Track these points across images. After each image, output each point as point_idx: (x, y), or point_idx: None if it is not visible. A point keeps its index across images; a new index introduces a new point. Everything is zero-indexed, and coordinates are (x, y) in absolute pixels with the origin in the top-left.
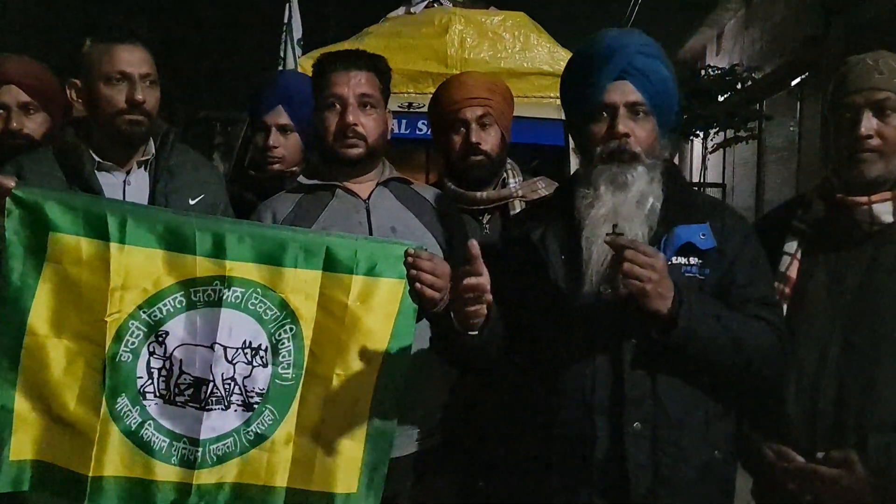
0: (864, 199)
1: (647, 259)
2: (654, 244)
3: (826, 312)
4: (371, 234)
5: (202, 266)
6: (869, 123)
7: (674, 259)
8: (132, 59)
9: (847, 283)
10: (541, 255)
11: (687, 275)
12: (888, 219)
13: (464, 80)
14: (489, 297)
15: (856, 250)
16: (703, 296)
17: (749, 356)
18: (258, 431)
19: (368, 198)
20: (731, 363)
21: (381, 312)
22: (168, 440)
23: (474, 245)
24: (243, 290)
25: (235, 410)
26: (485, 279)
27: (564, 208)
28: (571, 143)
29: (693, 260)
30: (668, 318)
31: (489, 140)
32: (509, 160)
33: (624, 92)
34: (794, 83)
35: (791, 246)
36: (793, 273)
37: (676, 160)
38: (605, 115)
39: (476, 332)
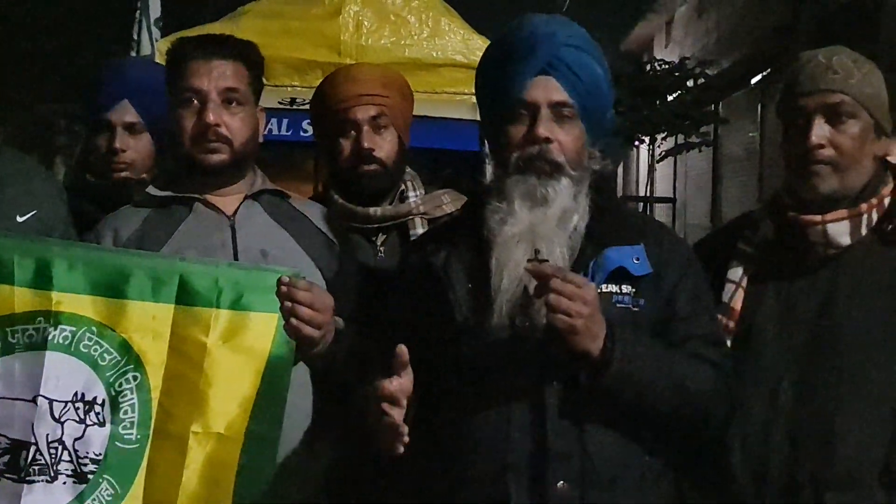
0: (818, 218)
1: (577, 290)
2: (579, 269)
3: (776, 350)
4: (236, 258)
5: (22, 299)
6: (821, 131)
7: (603, 287)
8: None
9: (800, 316)
10: (444, 283)
11: (619, 305)
12: (845, 241)
13: (353, 73)
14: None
15: (810, 277)
16: (639, 333)
17: (692, 403)
18: None
19: (234, 214)
20: (671, 411)
21: (248, 355)
22: None
23: (403, 352)
24: (74, 328)
25: (64, 482)
26: (405, 388)
27: (473, 227)
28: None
29: (626, 288)
30: (599, 359)
31: (384, 145)
32: (409, 170)
33: (548, 89)
34: (755, 81)
35: (736, 272)
36: (737, 304)
37: (620, 171)
38: (525, 114)
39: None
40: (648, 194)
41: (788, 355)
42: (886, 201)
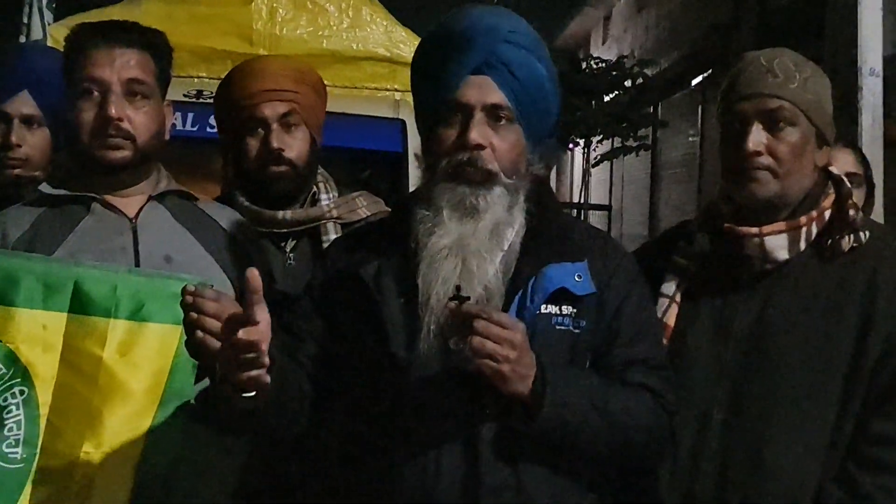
0: (755, 230)
1: (504, 332)
2: (515, 289)
3: (708, 371)
4: (138, 264)
5: None
6: (757, 137)
7: (542, 307)
8: None
9: (733, 335)
10: (374, 297)
11: (559, 328)
12: (782, 255)
13: (262, 66)
14: (265, 357)
15: (744, 294)
16: (572, 369)
17: (630, 438)
18: None
19: (136, 216)
20: (607, 448)
21: (148, 369)
22: None
23: (255, 275)
24: None
25: None
26: (263, 330)
27: (403, 235)
28: (412, 149)
29: (566, 309)
30: (529, 402)
31: (295, 145)
32: (322, 171)
33: (483, 90)
34: (695, 82)
35: (669, 287)
36: (671, 320)
37: (553, 175)
38: (457, 117)
39: (252, 394)
40: (582, 201)
41: (721, 376)
42: (827, 214)
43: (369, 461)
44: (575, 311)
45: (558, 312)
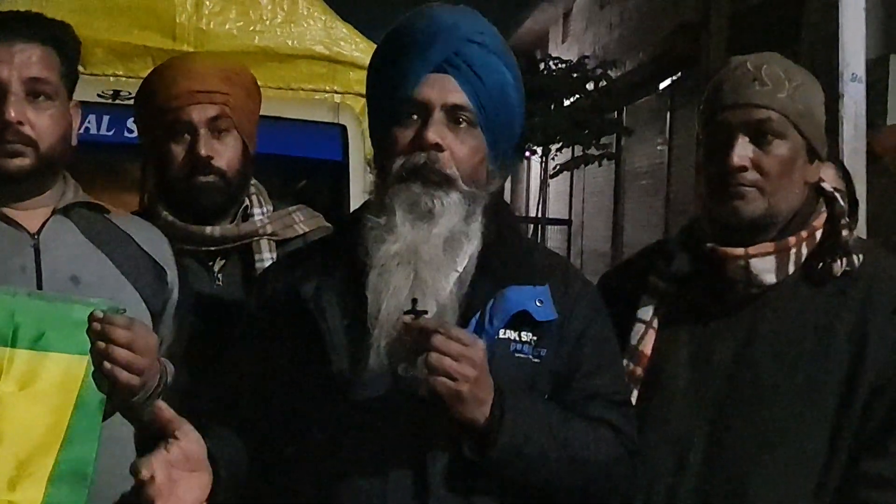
0: (740, 251)
1: (463, 349)
2: (472, 311)
3: (688, 403)
4: (40, 286)
5: None
6: (743, 151)
7: (500, 332)
8: None
9: (716, 364)
10: (315, 318)
11: (518, 356)
12: (769, 279)
13: (188, 64)
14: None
15: (727, 320)
16: (532, 396)
17: (590, 475)
18: None
19: (39, 232)
20: (562, 486)
21: (49, 405)
22: None
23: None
24: None
25: None
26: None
27: (349, 249)
28: (353, 157)
29: (526, 335)
30: (485, 429)
31: (225, 152)
32: (255, 182)
33: (443, 89)
34: (663, 85)
35: (646, 311)
36: (647, 348)
37: (507, 187)
38: (415, 117)
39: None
40: (540, 215)
41: (700, 411)
42: (818, 234)
43: (312, 494)
44: (535, 338)
45: (517, 339)
